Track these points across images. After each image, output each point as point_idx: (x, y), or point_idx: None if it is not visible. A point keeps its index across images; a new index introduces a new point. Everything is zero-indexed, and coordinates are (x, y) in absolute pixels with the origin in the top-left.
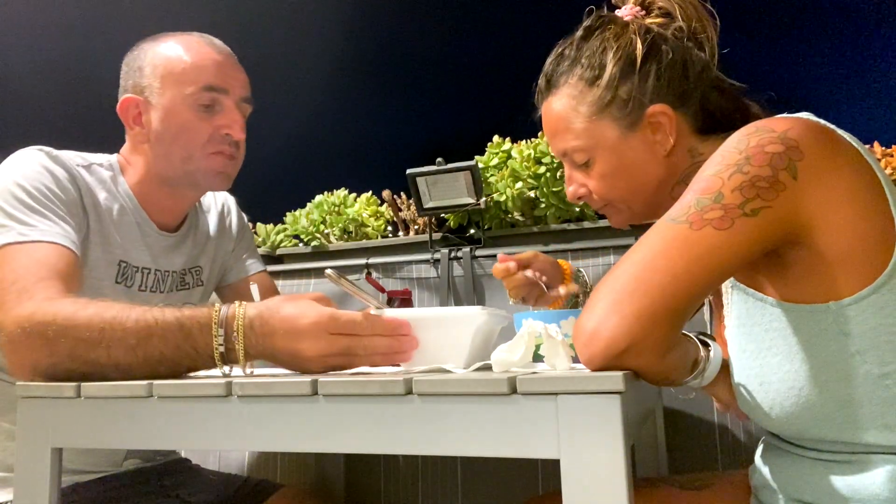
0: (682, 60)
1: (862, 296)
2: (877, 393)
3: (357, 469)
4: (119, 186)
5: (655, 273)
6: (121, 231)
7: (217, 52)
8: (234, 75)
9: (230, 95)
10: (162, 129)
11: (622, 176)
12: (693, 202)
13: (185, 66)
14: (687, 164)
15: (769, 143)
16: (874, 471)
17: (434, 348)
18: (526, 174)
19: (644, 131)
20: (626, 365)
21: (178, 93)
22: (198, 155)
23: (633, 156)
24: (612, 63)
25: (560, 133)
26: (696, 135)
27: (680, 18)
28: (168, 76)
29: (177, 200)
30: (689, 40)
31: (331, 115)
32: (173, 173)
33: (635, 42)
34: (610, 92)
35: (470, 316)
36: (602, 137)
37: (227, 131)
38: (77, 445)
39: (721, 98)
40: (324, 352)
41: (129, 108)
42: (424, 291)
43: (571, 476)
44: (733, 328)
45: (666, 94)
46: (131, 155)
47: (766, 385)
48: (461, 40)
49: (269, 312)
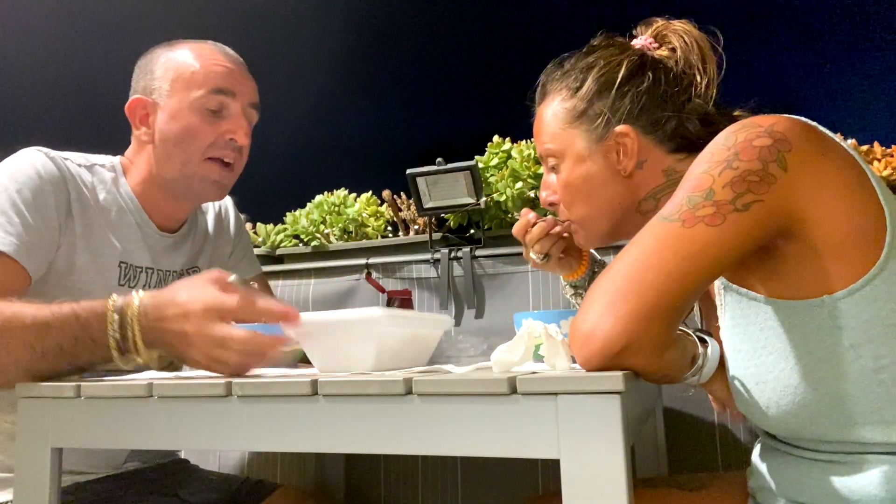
0: (664, 90)
1: (855, 288)
2: (872, 388)
3: (357, 469)
4: (121, 188)
5: (649, 272)
6: (121, 231)
7: (228, 59)
8: (244, 81)
9: (237, 100)
10: (167, 130)
11: (582, 188)
12: (685, 200)
13: (196, 70)
14: (659, 183)
15: (756, 137)
16: (870, 471)
17: (337, 353)
18: (526, 174)
19: (608, 149)
20: (623, 365)
21: (187, 96)
22: (196, 160)
23: (594, 170)
24: (594, 78)
25: (540, 135)
26: (671, 155)
27: (679, 51)
28: (178, 79)
29: (175, 207)
30: (684, 74)
31: (331, 115)
32: (172, 177)
33: (622, 63)
34: (584, 104)
35: (369, 320)
36: (570, 145)
37: (231, 136)
38: (77, 445)
39: (704, 128)
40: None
41: (136, 109)
42: (424, 291)
43: (571, 476)
44: (728, 329)
45: (636, 118)
46: (135, 156)
47: (762, 384)
48: (461, 40)
49: (162, 298)
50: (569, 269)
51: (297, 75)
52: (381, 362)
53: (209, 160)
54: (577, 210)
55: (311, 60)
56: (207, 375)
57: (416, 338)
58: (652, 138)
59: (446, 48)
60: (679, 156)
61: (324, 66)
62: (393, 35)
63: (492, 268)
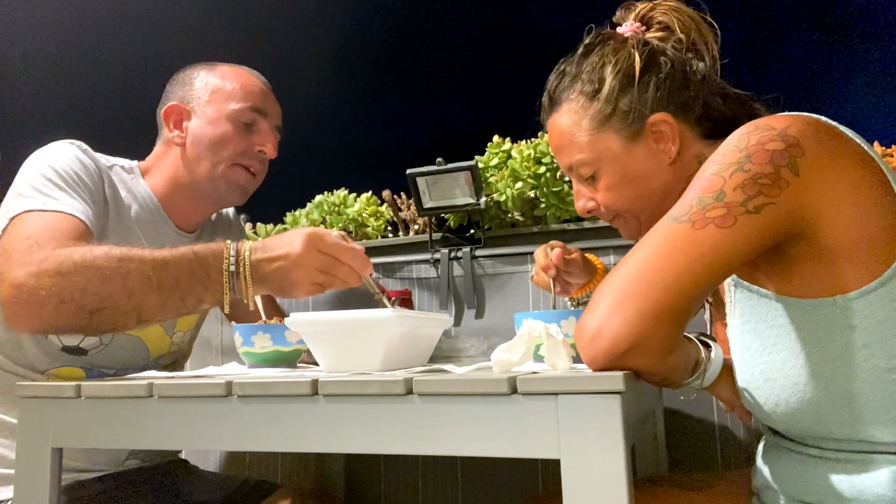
0: (682, 70)
1: (869, 289)
2: (883, 387)
3: (357, 469)
4: (139, 187)
5: (658, 272)
6: (140, 228)
7: (263, 83)
8: (274, 105)
9: (268, 120)
10: (202, 134)
11: (628, 187)
12: (695, 201)
13: (235, 86)
14: (695, 170)
15: (769, 140)
16: (878, 471)
17: (345, 353)
18: (526, 174)
19: (647, 141)
20: (629, 365)
21: (225, 107)
22: (225, 165)
23: (637, 166)
24: (612, 76)
25: (564, 148)
26: (702, 140)
27: (678, 31)
28: (217, 92)
29: (197, 209)
30: (688, 51)
31: (331, 115)
32: (199, 179)
33: (633, 55)
34: (610, 105)
35: (379, 320)
36: (606, 150)
37: (261, 148)
38: (77, 445)
39: (725, 104)
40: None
41: (172, 113)
42: (424, 291)
43: (571, 476)
44: (737, 326)
45: (667, 104)
46: (159, 159)
47: (771, 382)
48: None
49: (267, 239)
50: (567, 293)
51: (297, 75)
52: (387, 362)
53: (236, 166)
54: (629, 207)
55: (311, 60)
56: (207, 375)
57: (419, 337)
58: (684, 122)
59: (446, 48)
60: (708, 141)
61: (324, 66)
62: (393, 35)
63: (492, 268)
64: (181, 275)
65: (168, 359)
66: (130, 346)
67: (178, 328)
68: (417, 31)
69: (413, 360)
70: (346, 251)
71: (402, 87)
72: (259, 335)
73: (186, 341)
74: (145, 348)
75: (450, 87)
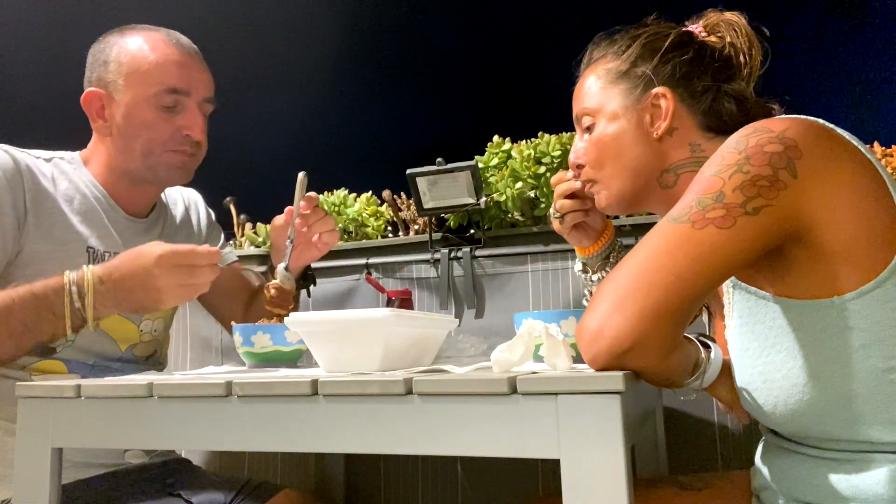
0: (706, 63)
1: (865, 290)
2: (881, 388)
3: (357, 469)
4: (82, 177)
5: (658, 272)
6: (87, 218)
7: (181, 53)
8: (197, 76)
9: (192, 97)
10: (124, 124)
11: (611, 145)
12: (694, 202)
13: (150, 66)
14: (684, 157)
15: (768, 142)
16: (877, 470)
17: (343, 353)
18: (526, 174)
19: (644, 110)
20: (630, 365)
21: (142, 92)
22: (157, 151)
23: (626, 129)
24: (639, 43)
25: (578, 96)
26: (702, 131)
27: (730, 39)
28: (132, 74)
29: (140, 191)
30: (729, 56)
31: (331, 115)
32: (134, 167)
33: (669, 35)
34: (627, 65)
35: (377, 320)
36: (607, 103)
37: (187, 132)
38: (77, 445)
39: (738, 108)
40: (175, 281)
41: (92, 102)
42: (424, 291)
43: (571, 476)
44: (735, 328)
45: (676, 84)
46: (96, 146)
47: (769, 383)
48: (462, 40)
49: (114, 264)
50: (578, 242)
51: (297, 75)
52: (387, 363)
53: (168, 151)
54: (602, 169)
55: (311, 60)
56: (208, 375)
57: (421, 338)
58: (687, 107)
59: (446, 48)
60: (709, 134)
61: (324, 66)
62: (393, 35)
63: (492, 268)
64: (27, 317)
65: (144, 349)
66: (97, 339)
67: (145, 316)
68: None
69: (416, 361)
70: (199, 255)
71: (402, 87)
72: (259, 335)
73: (161, 329)
74: (111, 340)
75: (450, 87)
